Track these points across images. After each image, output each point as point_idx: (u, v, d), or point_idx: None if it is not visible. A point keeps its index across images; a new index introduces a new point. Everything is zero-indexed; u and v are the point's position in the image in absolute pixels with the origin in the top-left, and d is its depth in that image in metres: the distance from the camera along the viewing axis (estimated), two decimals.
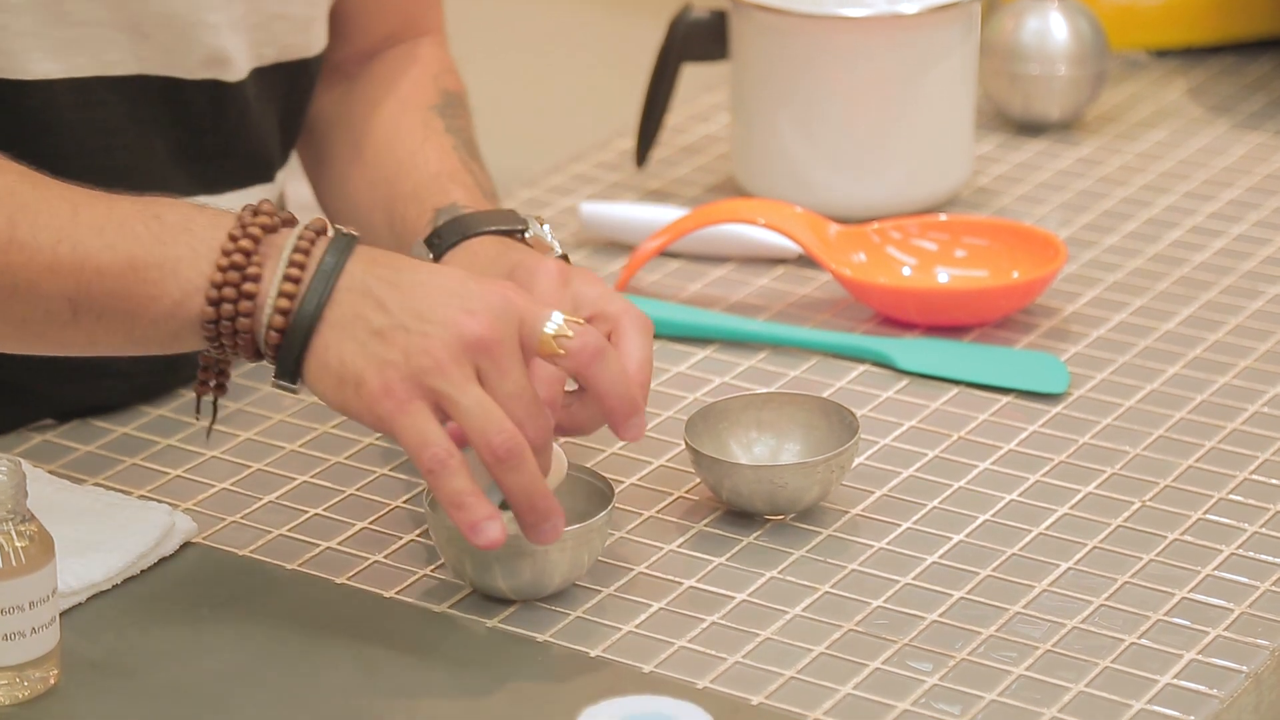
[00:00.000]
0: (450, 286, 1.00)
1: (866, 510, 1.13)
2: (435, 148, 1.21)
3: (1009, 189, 1.45)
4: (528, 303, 1.01)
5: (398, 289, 1.00)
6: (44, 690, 0.99)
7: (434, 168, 1.20)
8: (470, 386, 0.99)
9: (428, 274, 1.01)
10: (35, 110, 1.12)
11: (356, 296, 1.00)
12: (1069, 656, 1.03)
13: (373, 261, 1.01)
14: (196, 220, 1.01)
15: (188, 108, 1.17)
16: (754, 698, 1.00)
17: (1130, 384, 1.24)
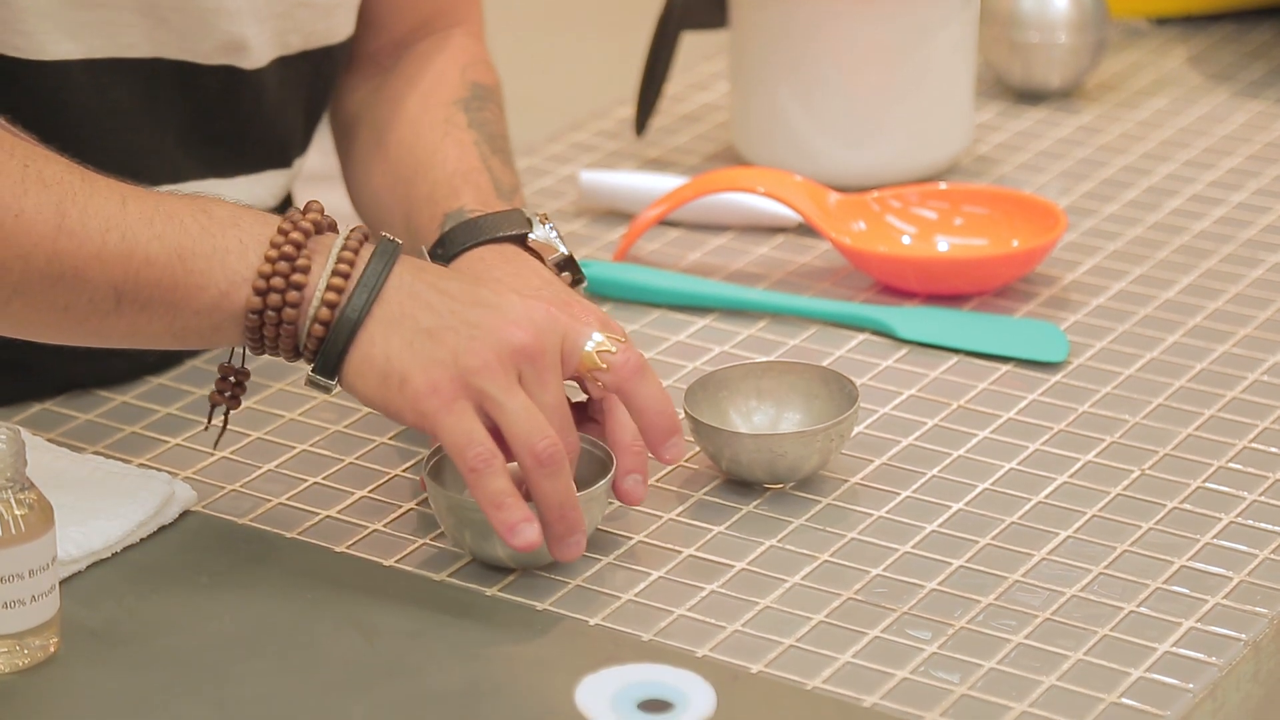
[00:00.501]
0: (495, 298, 1.02)
1: (866, 479, 1.13)
2: (455, 144, 1.20)
3: (1009, 157, 1.45)
4: (571, 319, 1.02)
5: (445, 295, 1.01)
6: (44, 658, 0.99)
7: (450, 167, 1.19)
8: (516, 391, 1.00)
9: (474, 283, 1.02)
10: (51, 91, 1.12)
11: (405, 297, 1.01)
12: (1068, 625, 1.03)
13: (420, 269, 1.02)
14: (245, 217, 1.02)
15: (202, 92, 1.16)
16: (753, 666, 1.00)
17: (1130, 352, 1.24)
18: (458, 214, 1.15)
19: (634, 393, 1.04)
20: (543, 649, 1.01)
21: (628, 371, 1.03)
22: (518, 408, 1.00)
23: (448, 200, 1.17)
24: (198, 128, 1.17)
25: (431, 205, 1.17)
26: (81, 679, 0.98)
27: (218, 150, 1.19)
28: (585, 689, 0.97)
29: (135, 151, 1.15)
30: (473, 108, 1.22)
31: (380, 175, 1.23)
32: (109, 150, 1.13)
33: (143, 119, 1.15)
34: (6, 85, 1.11)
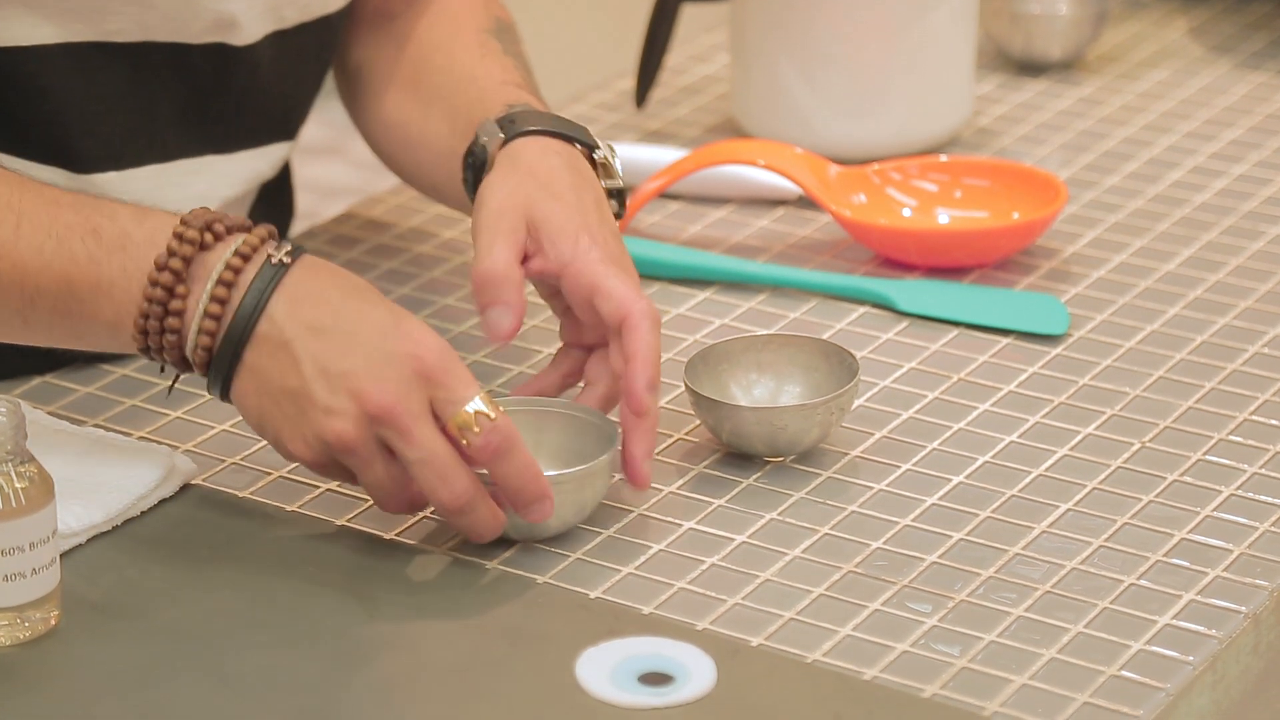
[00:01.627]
0: (367, 344, 0.99)
1: (866, 452, 1.13)
2: (497, 65, 1.19)
3: (1009, 129, 1.45)
4: (444, 375, 0.99)
5: (317, 338, 0.99)
6: (45, 631, 0.99)
7: (499, 78, 1.17)
8: (375, 463, 1.00)
9: (354, 317, 1.00)
10: (29, 77, 1.11)
11: (274, 347, 1.00)
12: (1068, 598, 1.03)
13: (297, 301, 1.00)
14: (133, 237, 1.01)
15: (194, 72, 1.15)
16: (754, 639, 1.00)
17: (1130, 325, 1.24)
18: (525, 105, 1.14)
19: (497, 472, 1.00)
20: (543, 622, 1.01)
21: (489, 454, 0.99)
22: (372, 481, 1.00)
23: (510, 94, 1.15)
24: (192, 107, 1.17)
25: (484, 104, 1.14)
26: (82, 652, 0.98)
27: (214, 127, 1.18)
28: (585, 662, 0.97)
29: (125, 134, 1.14)
30: (504, 39, 1.22)
31: (411, 100, 1.21)
32: (97, 134, 1.13)
33: (132, 102, 1.14)
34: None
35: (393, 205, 1.36)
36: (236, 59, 1.16)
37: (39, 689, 0.96)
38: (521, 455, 1.00)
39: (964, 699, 0.97)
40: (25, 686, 0.96)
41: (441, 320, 1.25)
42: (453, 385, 0.99)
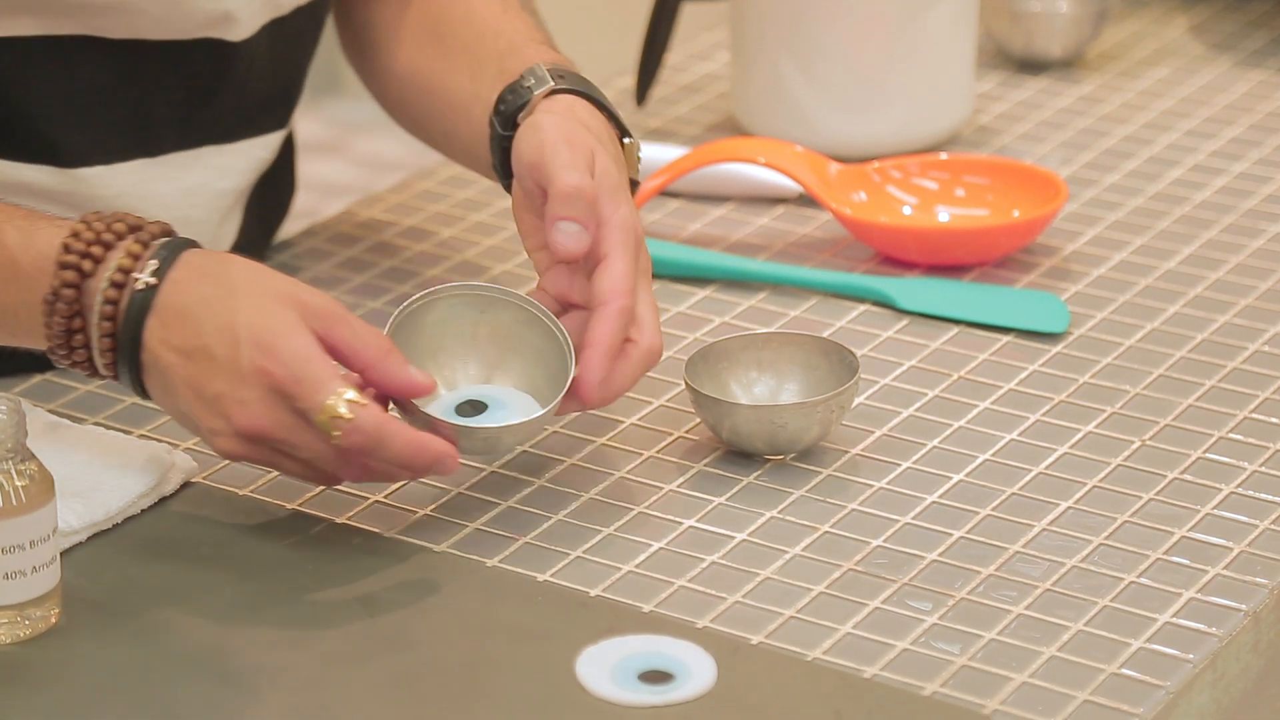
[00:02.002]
0: (226, 364, 0.99)
1: (866, 450, 1.13)
2: (521, 22, 1.18)
3: (1010, 127, 1.45)
4: (295, 386, 0.98)
5: (187, 362, 1.00)
6: (45, 629, 0.99)
7: (525, 34, 1.17)
8: (280, 462, 1.01)
9: (212, 337, 0.99)
10: (8, 68, 1.10)
11: (158, 374, 1.01)
12: (1068, 595, 1.03)
13: (165, 325, 1.00)
14: (21, 265, 1.01)
15: (189, 67, 1.15)
16: (754, 637, 1.00)
17: (1130, 323, 1.24)
18: (570, 68, 1.13)
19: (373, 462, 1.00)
20: (543, 620, 1.01)
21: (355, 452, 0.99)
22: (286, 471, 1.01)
23: (543, 52, 1.15)
24: (187, 102, 1.16)
25: (517, 54, 1.14)
26: (82, 650, 0.98)
27: (211, 120, 1.18)
28: (586, 660, 0.97)
29: (114, 129, 1.14)
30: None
31: (427, 53, 1.20)
32: (83, 129, 1.12)
33: (122, 97, 1.14)
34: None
35: (393, 204, 1.37)
36: (233, 54, 1.16)
37: (39, 687, 0.96)
38: (395, 441, 0.99)
39: (964, 697, 0.97)
40: (25, 684, 0.96)
41: None
42: (304, 394, 0.98)
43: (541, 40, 1.18)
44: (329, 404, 0.98)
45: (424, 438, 1.00)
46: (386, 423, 0.99)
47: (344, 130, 2.81)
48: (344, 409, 0.98)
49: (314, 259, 1.30)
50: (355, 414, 0.98)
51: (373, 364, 1.01)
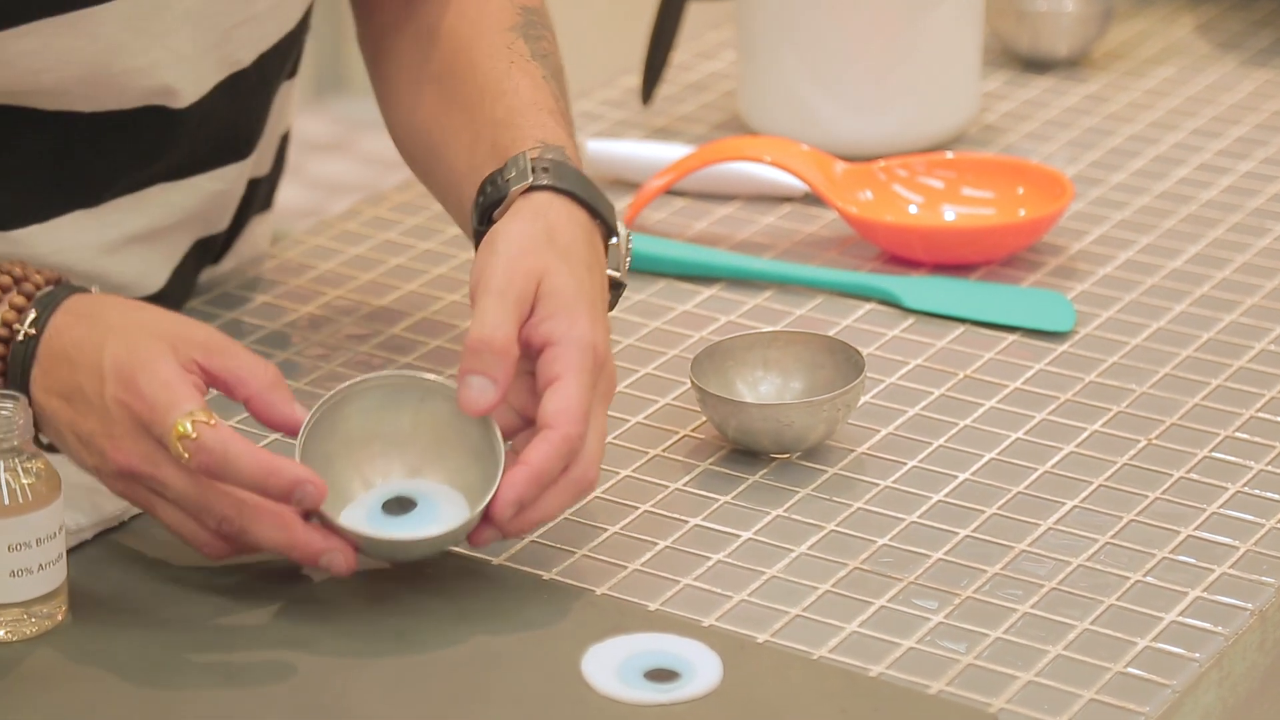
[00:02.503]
0: (96, 401, 0.98)
1: (872, 448, 1.13)
2: (525, 75, 1.11)
3: (1016, 126, 1.44)
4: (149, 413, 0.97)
5: (65, 405, 0.99)
6: (51, 627, 0.99)
7: (527, 96, 1.10)
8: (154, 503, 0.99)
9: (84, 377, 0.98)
10: None
11: (45, 420, 1.00)
12: (1074, 594, 1.03)
13: (45, 371, 0.99)
14: None
15: (130, 132, 1.10)
16: (759, 635, 1.00)
17: (1137, 322, 1.24)
18: (559, 151, 1.07)
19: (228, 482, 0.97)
20: (549, 618, 1.01)
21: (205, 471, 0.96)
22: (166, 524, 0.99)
23: (536, 128, 1.08)
24: (130, 162, 1.12)
25: (513, 129, 1.08)
26: (89, 647, 0.98)
27: (161, 168, 1.14)
28: (591, 658, 0.98)
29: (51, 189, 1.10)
30: (530, 36, 1.14)
31: (432, 103, 1.14)
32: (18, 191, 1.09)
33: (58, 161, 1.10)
34: None
35: (399, 202, 1.36)
36: (179, 118, 1.11)
37: (45, 685, 0.96)
38: (241, 461, 0.96)
39: (970, 695, 0.97)
40: (32, 682, 0.96)
41: (449, 317, 1.25)
42: (155, 420, 0.97)
43: (543, 105, 1.10)
44: (178, 423, 0.96)
45: (276, 461, 0.96)
46: (234, 441, 0.96)
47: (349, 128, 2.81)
48: (189, 427, 0.96)
49: (320, 256, 1.30)
50: (200, 432, 0.96)
51: (257, 394, 0.99)
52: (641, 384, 1.18)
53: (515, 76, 1.12)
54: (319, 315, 1.25)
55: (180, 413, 0.96)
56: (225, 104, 1.14)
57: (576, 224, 1.05)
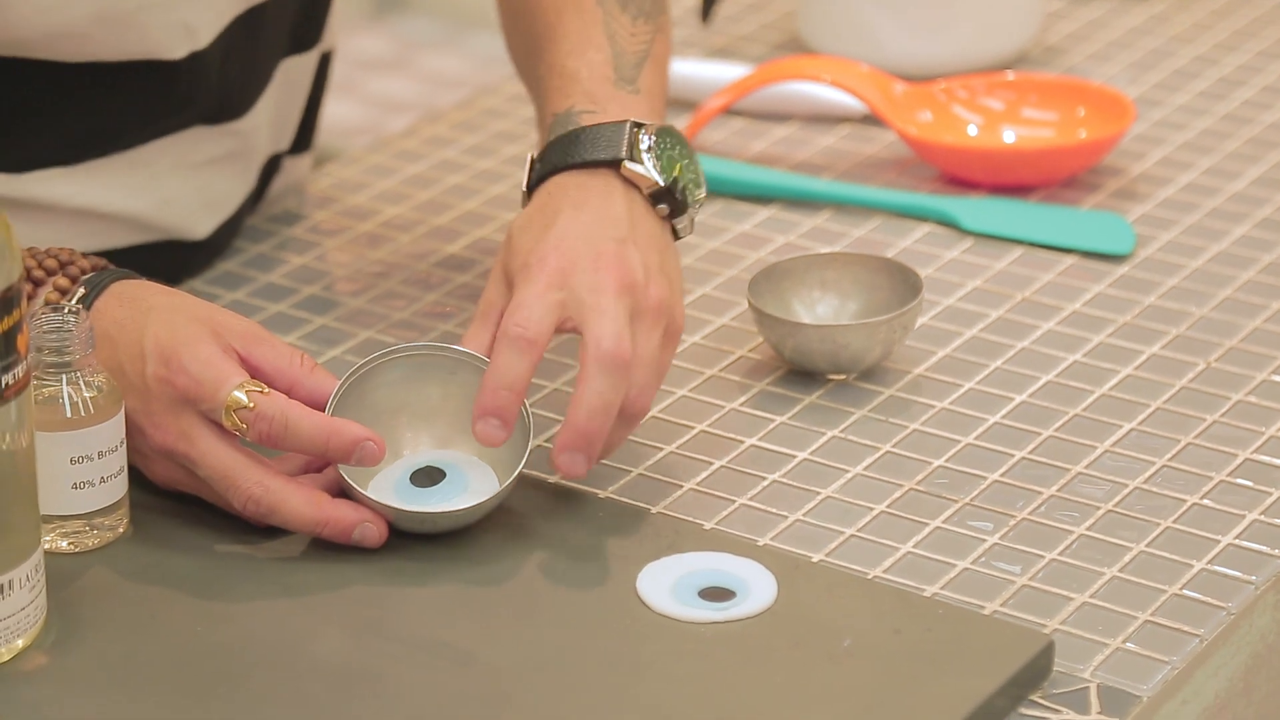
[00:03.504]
0: (136, 381, 0.98)
1: (929, 370, 1.13)
2: (576, 9, 1.10)
3: (1078, 47, 1.43)
4: (195, 390, 0.97)
5: None
6: (113, 539, 1.00)
7: (571, 41, 1.08)
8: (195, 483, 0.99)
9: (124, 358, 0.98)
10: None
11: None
12: (1130, 517, 1.03)
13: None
14: None
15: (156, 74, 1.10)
16: (814, 555, 1.01)
17: (1197, 245, 1.23)
18: (565, 118, 1.06)
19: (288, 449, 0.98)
20: (605, 537, 1.01)
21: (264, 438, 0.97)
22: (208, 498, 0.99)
23: (559, 96, 1.07)
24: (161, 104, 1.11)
25: (546, 99, 1.08)
26: (149, 559, 0.99)
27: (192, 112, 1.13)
28: (647, 577, 0.98)
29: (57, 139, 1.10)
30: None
31: (514, 42, 1.16)
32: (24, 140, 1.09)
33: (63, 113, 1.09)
34: None
35: (457, 120, 1.37)
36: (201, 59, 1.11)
37: (107, 595, 0.97)
38: (303, 424, 0.96)
39: (1025, 617, 0.97)
40: (94, 592, 0.97)
41: None
42: (204, 396, 0.97)
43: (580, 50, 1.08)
44: (232, 397, 0.96)
45: (336, 421, 0.97)
46: (292, 406, 0.97)
47: (407, 46, 2.81)
48: (245, 397, 0.96)
49: (378, 175, 1.31)
50: (256, 401, 0.96)
51: (299, 380, 0.99)
52: (698, 304, 1.18)
53: (567, 13, 1.10)
54: (377, 233, 1.25)
55: (231, 386, 0.97)
56: (245, 40, 1.14)
57: (580, 188, 1.03)
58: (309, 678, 0.93)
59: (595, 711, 0.91)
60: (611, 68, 1.09)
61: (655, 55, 1.11)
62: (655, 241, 1.03)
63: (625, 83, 1.08)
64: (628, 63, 1.09)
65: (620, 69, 1.09)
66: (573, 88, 1.08)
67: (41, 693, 0.92)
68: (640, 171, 1.04)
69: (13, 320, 0.90)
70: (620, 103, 1.07)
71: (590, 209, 1.03)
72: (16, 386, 0.91)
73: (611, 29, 1.10)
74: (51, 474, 0.97)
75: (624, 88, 1.08)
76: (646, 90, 1.08)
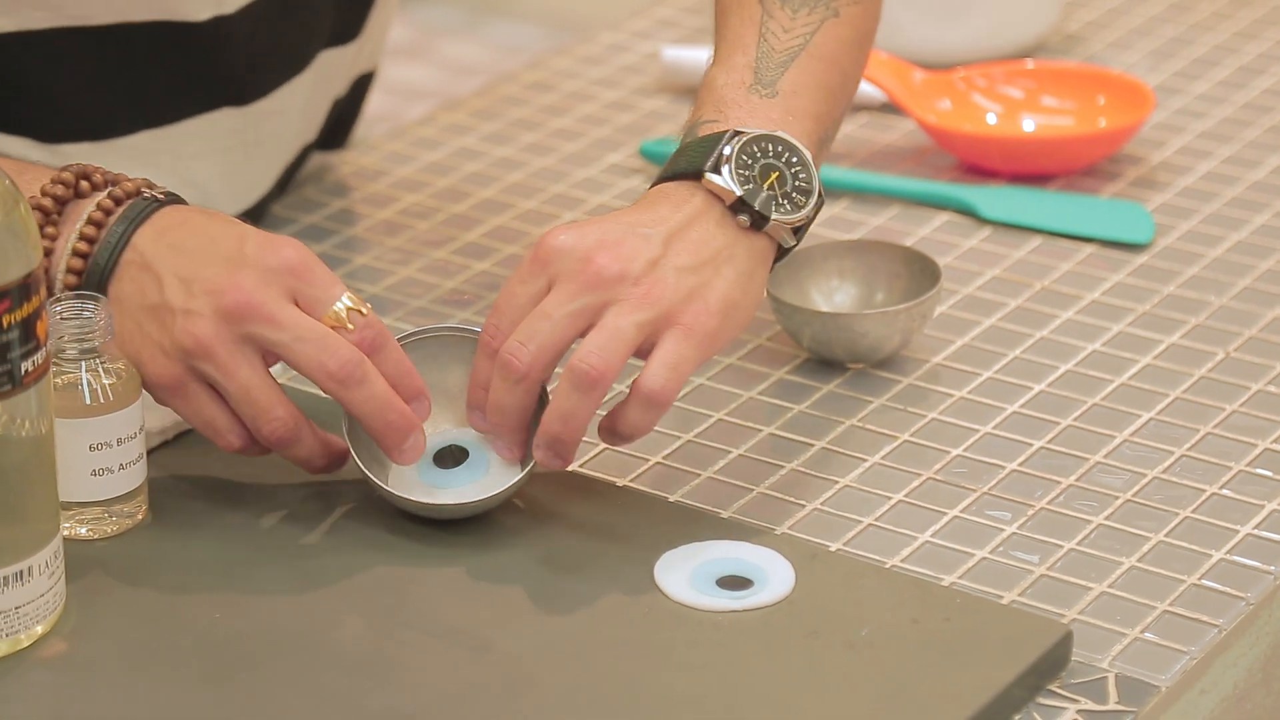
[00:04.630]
0: (228, 251, 0.97)
1: (947, 359, 1.13)
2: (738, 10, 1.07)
3: (1097, 35, 1.43)
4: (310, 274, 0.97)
5: (178, 254, 0.98)
6: (131, 526, 1.00)
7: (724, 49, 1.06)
8: (238, 370, 0.97)
9: (217, 233, 0.98)
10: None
11: (136, 270, 0.98)
12: (1149, 506, 1.03)
13: (163, 229, 0.99)
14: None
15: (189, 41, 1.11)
16: (832, 544, 1.01)
17: (1216, 234, 1.23)
18: (691, 129, 1.05)
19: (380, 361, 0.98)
20: (622, 525, 1.01)
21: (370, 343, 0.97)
22: (236, 390, 0.97)
23: (697, 106, 1.06)
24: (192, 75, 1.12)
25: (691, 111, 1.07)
26: (168, 546, 1.00)
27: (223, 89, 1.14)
28: (664, 565, 0.98)
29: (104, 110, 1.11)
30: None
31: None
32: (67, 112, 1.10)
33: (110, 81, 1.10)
34: None
35: (476, 108, 1.37)
36: (231, 24, 1.12)
37: (126, 582, 0.97)
38: (394, 352, 0.98)
39: (1043, 606, 0.97)
40: (112, 579, 0.97)
41: (525, 224, 1.25)
42: (320, 283, 0.97)
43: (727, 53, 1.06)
44: (349, 294, 0.97)
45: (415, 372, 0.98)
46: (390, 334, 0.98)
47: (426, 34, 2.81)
48: (359, 301, 0.97)
49: (397, 163, 1.31)
50: (368, 311, 0.97)
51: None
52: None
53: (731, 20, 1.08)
54: (395, 221, 1.25)
55: (344, 288, 0.97)
56: (275, 17, 1.14)
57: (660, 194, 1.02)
58: (327, 665, 0.93)
59: (612, 699, 0.92)
60: (752, 71, 1.06)
61: (815, 47, 1.07)
62: (703, 249, 1.00)
63: (762, 86, 1.06)
64: (773, 62, 1.06)
65: (762, 71, 1.06)
66: (707, 97, 1.06)
67: (60, 679, 0.92)
68: (719, 182, 1.02)
69: (32, 307, 0.90)
70: (748, 108, 1.04)
71: (643, 208, 1.02)
72: (36, 373, 0.91)
73: (765, 28, 1.07)
74: (71, 461, 0.97)
75: (758, 92, 1.05)
76: (787, 90, 1.05)
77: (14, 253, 0.89)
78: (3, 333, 0.89)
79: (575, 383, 0.97)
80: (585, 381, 0.97)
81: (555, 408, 0.98)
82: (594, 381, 0.97)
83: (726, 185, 1.01)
